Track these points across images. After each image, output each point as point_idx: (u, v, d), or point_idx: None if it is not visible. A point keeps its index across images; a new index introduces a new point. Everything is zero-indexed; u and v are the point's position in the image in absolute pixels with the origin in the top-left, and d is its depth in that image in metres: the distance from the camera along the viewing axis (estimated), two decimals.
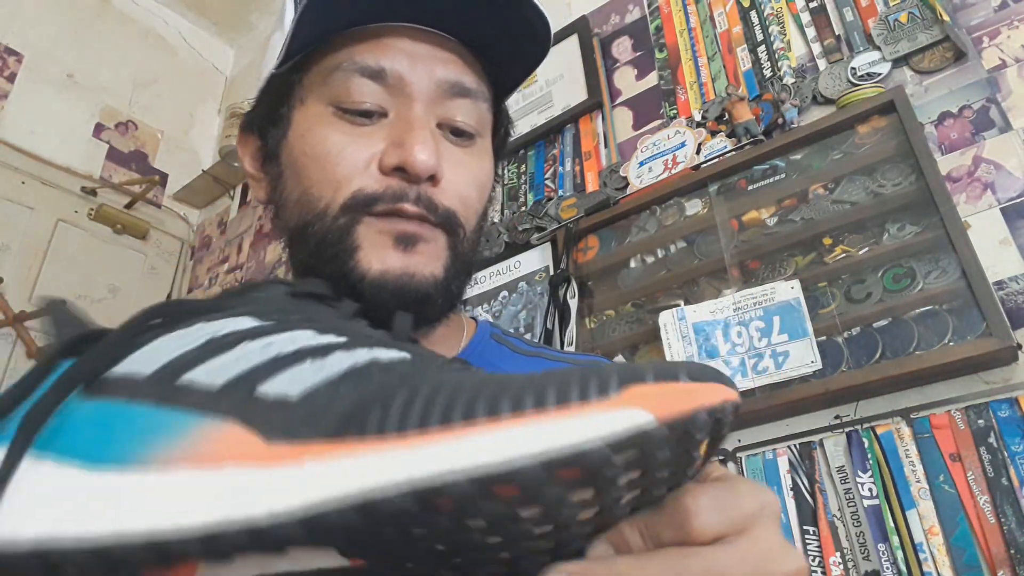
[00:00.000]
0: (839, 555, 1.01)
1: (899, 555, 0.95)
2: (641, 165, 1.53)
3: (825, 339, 1.13)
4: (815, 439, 1.10)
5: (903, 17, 1.29)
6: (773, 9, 1.50)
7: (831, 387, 1.08)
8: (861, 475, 1.03)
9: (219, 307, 0.28)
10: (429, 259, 0.45)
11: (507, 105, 0.56)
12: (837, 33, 1.40)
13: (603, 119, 1.69)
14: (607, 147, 1.65)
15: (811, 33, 1.43)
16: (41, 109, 2.26)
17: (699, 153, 1.45)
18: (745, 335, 1.20)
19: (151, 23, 2.67)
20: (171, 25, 2.72)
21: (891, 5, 1.33)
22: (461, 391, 0.22)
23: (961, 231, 1.07)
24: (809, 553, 1.03)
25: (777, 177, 1.32)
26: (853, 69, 1.32)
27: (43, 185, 2.20)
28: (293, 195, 0.47)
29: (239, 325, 0.26)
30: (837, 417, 1.10)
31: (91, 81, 2.41)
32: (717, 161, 1.41)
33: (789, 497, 1.08)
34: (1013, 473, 0.92)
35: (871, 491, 1.01)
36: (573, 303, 1.44)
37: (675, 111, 1.57)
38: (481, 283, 1.64)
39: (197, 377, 0.24)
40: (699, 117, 1.51)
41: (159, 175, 2.50)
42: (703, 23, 1.62)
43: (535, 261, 1.60)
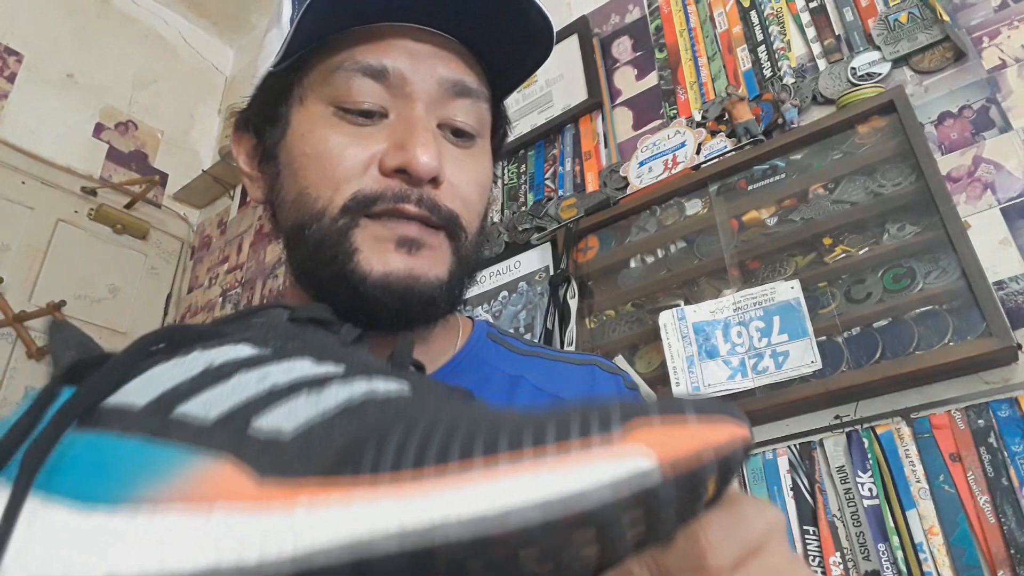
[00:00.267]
0: (839, 555, 1.01)
1: (899, 555, 0.95)
2: (641, 165, 1.53)
3: (825, 339, 1.13)
4: (815, 439, 1.10)
5: (903, 17, 1.29)
6: (773, 9, 1.50)
7: (831, 387, 1.08)
8: (861, 475, 1.03)
9: (219, 333, 0.28)
10: (433, 262, 0.45)
11: (506, 105, 0.56)
12: (837, 33, 1.40)
13: (603, 119, 1.69)
14: (607, 147, 1.65)
15: (811, 33, 1.44)
16: (41, 109, 2.26)
17: (699, 153, 1.45)
18: (745, 335, 1.20)
19: (151, 23, 2.67)
20: (171, 25, 2.73)
21: (891, 5, 1.33)
22: (458, 428, 0.21)
23: (961, 231, 1.07)
24: (809, 553, 1.03)
25: (777, 177, 1.32)
26: (853, 69, 1.32)
27: (43, 185, 2.20)
28: (290, 195, 0.46)
29: (237, 354, 0.26)
30: (837, 417, 1.10)
31: (91, 81, 2.41)
32: (717, 161, 1.41)
33: (789, 497, 1.08)
34: (1013, 473, 0.92)
35: (871, 491, 1.01)
36: (573, 303, 1.44)
37: (675, 111, 1.57)
38: (481, 283, 1.64)
39: (191, 410, 0.24)
40: (699, 117, 1.51)
41: (159, 175, 2.50)
42: (703, 23, 1.62)
43: (535, 261, 1.60)
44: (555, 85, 1.79)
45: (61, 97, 2.32)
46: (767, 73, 1.45)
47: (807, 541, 1.04)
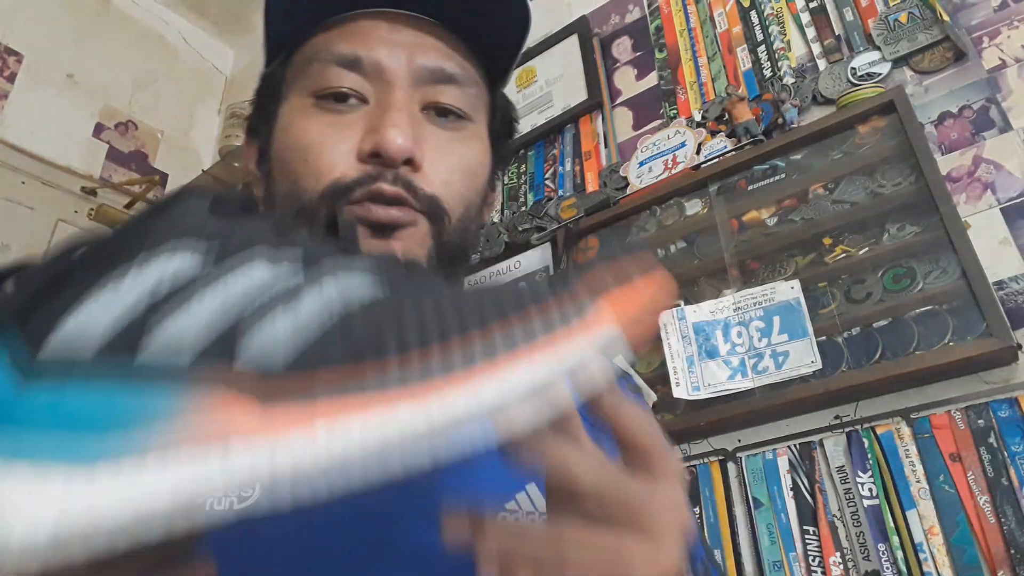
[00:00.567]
0: (839, 555, 1.01)
1: (899, 555, 0.95)
2: (641, 165, 1.53)
3: (825, 339, 1.13)
4: (815, 439, 1.10)
5: (903, 17, 1.29)
6: (773, 9, 1.50)
7: (831, 387, 1.08)
8: (861, 475, 1.03)
9: (142, 241, 0.24)
10: (408, 246, 0.44)
11: (505, 93, 0.54)
12: (837, 33, 1.40)
13: (603, 119, 1.69)
14: (607, 147, 1.65)
15: (811, 33, 1.43)
16: (41, 109, 2.26)
17: (699, 153, 1.45)
18: (745, 335, 1.20)
19: (151, 23, 2.67)
20: (171, 25, 2.72)
21: (891, 5, 1.33)
22: (450, 329, 0.23)
23: (961, 231, 1.07)
24: (809, 553, 1.03)
25: (777, 177, 1.32)
26: (853, 69, 1.32)
27: (43, 185, 2.20)
28: (281, 190, 0.46)
29: (177, 271, 0.23)
30: (837, 417, 1.10)
31: (91, 81, 2.41)
32: (717, 161, 1.41)
33: (789, 497, 1.08)
34: (1013, 473, 0.92)
35: (871, 491, 1.01)
36: None
37: (675, 111, 1.57)
38: (481, 283, 1.64)
39: (158, 347, 0.22)
40: (699, 117, 1.51)
41: (159, 175, 2.50)
42: (703, 23, 1.62)
43: (535, 261, 1.60)
44: (555, 85, 1.79)
45: (61, 97, 2.32)
46: (767, 73, 1.45)
47: (807, 541, 1.04)
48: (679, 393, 1.20)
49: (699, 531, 0.61)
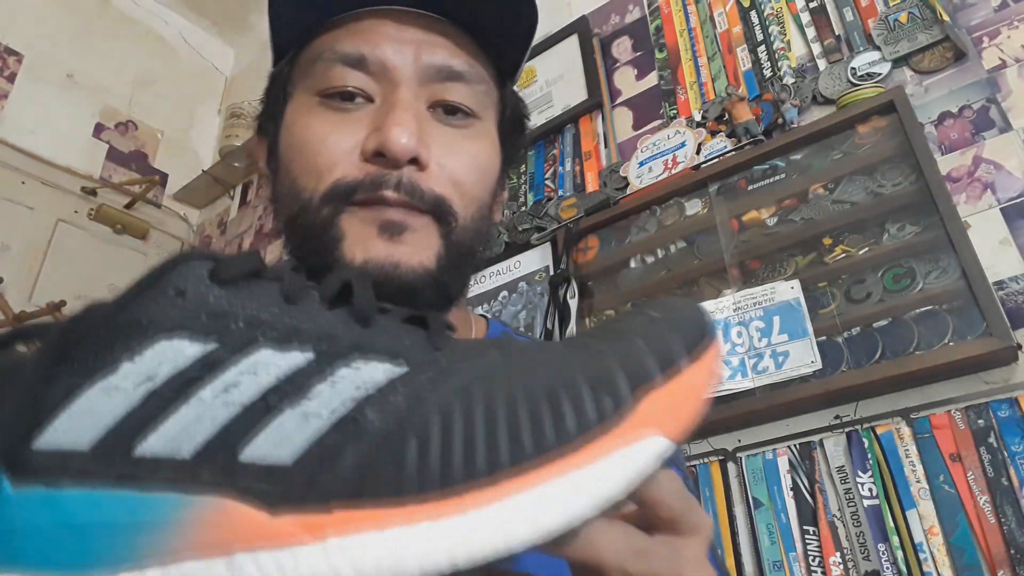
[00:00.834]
0: (839, 555, 1.01)
1: (899, 555, 0.95)
2: (641, 165, 1.53)
3: (825, 339, 1.13)
4: (815, 439, 1.10)
5: (903, 17, 1.29)
6: (773, 9, 1.50)
7: (831, 387, 1.08)
8: (861, 475, 1.03)
9: (136, 324, 0.21)
10: (417, 248, 0.43)
11: (516, 89, 0.54)
12: (837, 33, 1.40)
13: (603, 119, 1.69)
14: (607, 147, 1.65)
15: (811, 33, 1.43)
16: (41, 109, 2.26)
17: (699, 153, 1.45)
18: (745, 335, 1.20)
19: (151, 23, 2.67)
20: (171, 25, 2.72)
21: (891, 5, 1.33)
22: (474, 428, 0.21)
23: (961, 231, 1.07)
24: (809, 553, 1.03)
25: (777, 177, 1.32)
26: (853, 69, 1.32)
27: (43, 185, 2.20)
28: (284, 188, 0.46)
29: (176, 360, 0.21)
30: (837, 417, 1.10)
31: (91, 81, 2.41)
32: (717, 161, 1.41)
33: (789, 497, 1.08)
34: (1013, 473, 0.92)
35: (871, 491, 1.01)
36: (573, 303, 1.44)
37: (675, 111, 1.57)
38: (481, 283, 1.64)
39: (157, 448, 0.20)
40: (699, 117, 1.51)
41: (159, 175, 2.50)
42: (703, 23, 1.62)
43: (535, 261, 1.60)
44: (555, 85, 1.79)
45: (61, 97, 2.32)
46: (767, 73, 1.45)
47: (807, 541, 1.04)
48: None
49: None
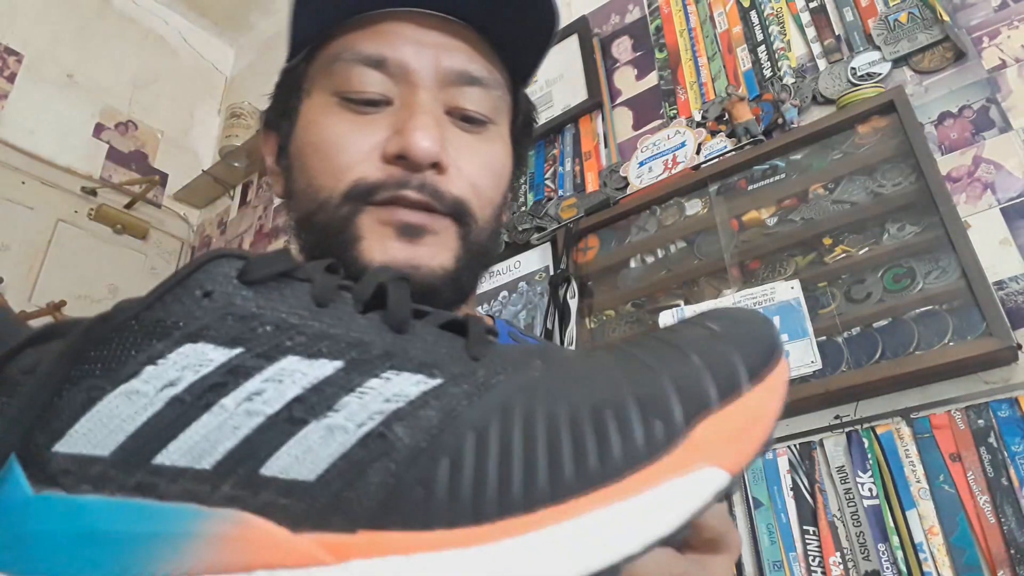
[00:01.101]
0: (839, 555, 1.01)
1: (899, 555, 0.95)
2: (641, 165, 1.53)
3: (825, 339, 1.13)
4: (815, 439, 1.10)
5: (903, 17, 1.29)
6: (773, 9, 1.50)
7: (831, 387, 1.08)
8: (861, 475, 1.03)
9: (160, 326, 0.21)
10: (437, 250, 0.44)
11: (527, 93, 0.54)
12: (837, 33, 1.40)
13: (603, 119, 1.69)
14: (607, 147, 1.65)
15: (811, 33, 1.43)
16: (41, 109, 2.26)
17: (699, 153, 1.45)
18: None
19: (151, 23, 2.67)
20: (171, 25, 2.72)
21: (891, 5, 1.33)
22: (512, 454, 0.19)
23: (961, 231, 1.07)
24: (809, 553, 1.03)
25: (777, 177, 1.32)
26: (853, 69, 1.32)
27: (43, 185, 2.20)
28: (299, 186, 0.46)
29: (200, 365, 0.20)
30: (837, 417, 1.10)
31: (91, 81, 2.41)
32: (717, 161, 1.41)
33: (789, 497, 1.08)
34: (1013, 473, 0.92)
35: (871, 491, 1.01)
36: (573, 303, 1.44)
37: (675, 111, 1.57)
38: (481, 283, 1.64)
39: (176, 458, 0.19)
40: (699, 117, 1.51)
41: (159, 175, 2.50)
42: (703, 23, 1.62)
43: (535, 261, 1.60)
44: (555, 85, 1.79)
45: (61, 97, 2.32)
46: (767, 73, 1.45)
47: (807, 541, 1.04)
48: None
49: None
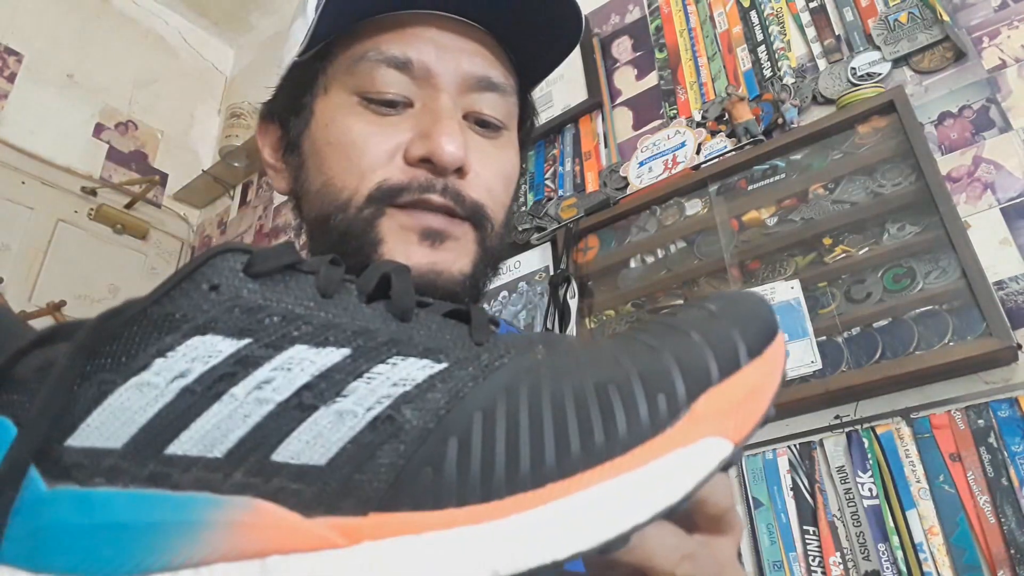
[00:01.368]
0: (839, 555, 1.01)
1: (899, 555, 0.95)
2: (641, 165, 1.53)
3: (825, 339, 1.13)
4: (815, 439, 1.10)
5: (903, 17, 1.29)
6: (773, 9, 1.50)
7: (831, 387, 1.07)
8: (861, 475, 1.03)
9: (169, 320, 0.21)
10: (457, 255, 0.44)
11: (532, 96, 0.55)
12: (837, 33, 1.40)
13: (603, 119, 1.69)
14: (607, 147, 1.65)
15: (811, 33, 1.43)
16: (41, 109, 2.26)
17: (699, 153, 1.45)
18: None
19: (151, 23, 2.67)
20: (171, 25, 2.72)
21: (891, 5, 1.33)
22: (519, 431, 0.19)
23: (961, 231, 1.07)
24: (809, 553, 1.03)
25: (777, 177, 1.32)
26: (853, 69, 1.32)
27: (43, 185, 2.20)
28: (315, 185, 0.46)
29: (209, 356, 0.21)
30: (837, 417, 1.10)
31: (91, 81, 2.41)
32: (717, 161, 1.41)
33: (789, 497, 1.08)
34: (1013, 473, 0.92)
35: (871, 491, 1.01)
36: (573, 303, 1.44)
37: (675, 111, 1.57)
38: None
39: (188, 448, 0.20)
40: (699, 117, 1.51)
41: (159, 175, 2.50)
42: (703, 23, 1.62)
43: (535, 261, 1.60)
44: (555, 85, 1.79)
45: (61, 97, 2.32)
46: (767, 73, 1.45)
47: (807, 541, 1.04)
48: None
49: None
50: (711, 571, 0.26)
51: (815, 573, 1.02)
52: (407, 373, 0.21)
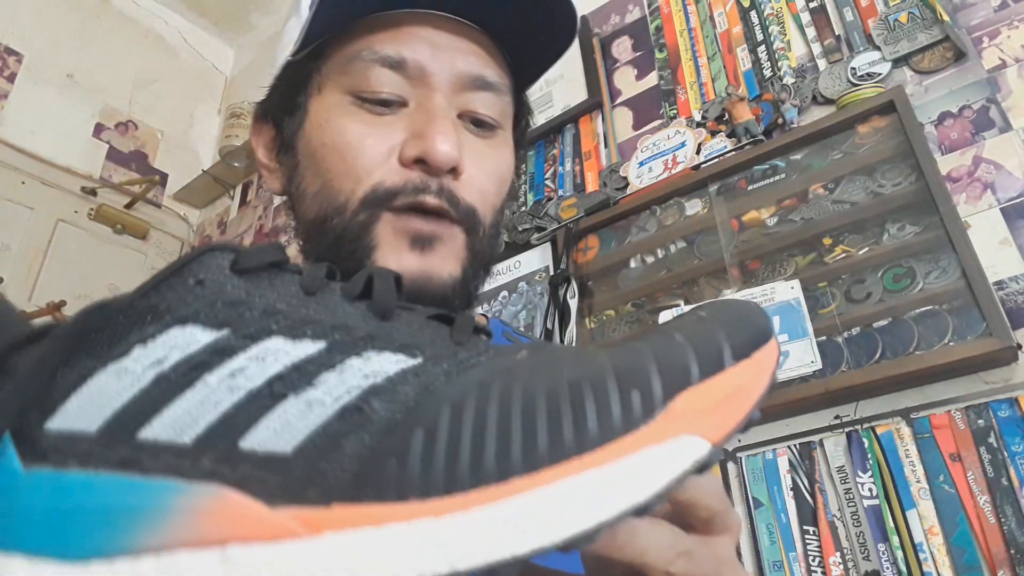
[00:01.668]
0: (839, 555, 1.01)
1: (899, 555, 0.95)
2: (641, 165, 1.53)
3: (825, 339, 1.13)
4: (815, 439, 1.10)
5: (903, 17, 1.29)
6: (773, 9, 1.50)
7: (831, 387, 1.08)
8: (861, 475, 1.03)
9: (153, 311, 0.22)
10: (446, 259, 0.44)
11: (527, 95, 0.54)
12: (837, 33, 1.40)
13: (603, 119, 1.69)
14: (607, 147, 1.65)
15: (811, 33, 1.43)
16: (41, 109, 2.26)
17: (699, 153, 1.45)
18: None
19: (151, 23, 2.67)
20: (171, 25, 2.72)
21: (891, 5, 1.33)
22: (486, 425, 0.19)
23: (961, 231, 1.07)
24: (809, 553, 1.03)
25: (777, 177, 1.32)
26: (853, 69, 1.32)
27: (43, 185, 2.20)
28: (312, 187, 0.46)
29: (187, 345, 0.21)
30: (837, 417, 1.10)
31: (91, 81, 2.41)
32: (717, 161, 1.41)
33: (789, 497, 1.08)
34: (1013, 473, 0.92)
35: (871, 491, 1.01)
36: (573, 303, 1.44)
37: (675, 111, 1.57)
38: (484, 285, 1.63)
39: (159, 433, 0.20)
40: (699, 117, 1.51)
41: (159, 175, 2.50)
42: (703, 23, 1.62)
43: (535, 261, 1.60)
44: (555, 85, 1.79)
45: (61, 97, 2.32)
46: (767, 73, 1.45)
47: (807, 541, 1.04)
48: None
49: None
50: (708, 568, 0.26)
51: (815, 573, 1.02)
52: (380, 366, 0.21)
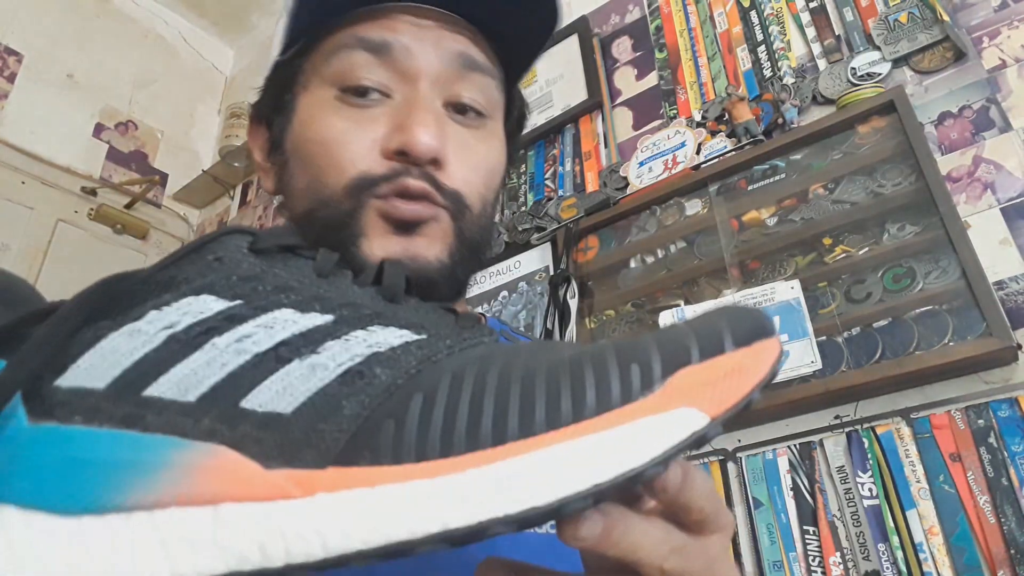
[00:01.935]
0: (839, 555, 1.01)
1: (899, 555, 0.95)
2: (641, 165, 1.53)
3: (825, 339, 1.13)
4: (815, 439, 1.10)
5: (903, 17, 1.29)
6: (773, 9, 1.50)
7: (831, 387, 1.08)
8: (861, 475, 1.03)
9: (171, 281, 0.23)
10: (432, 241, 0.44)
11: (520, 88, 0.54)
12: (837, 33, 1.40)
13: (603, 119, 1.69)
14: (607, 147, 1.65)
15: (811, 33, 1.43)
16: (41, 109, 2.26)
17: (699, 153, 1.45)
18: None
19: (151, 23, 2.67)
20: (171, 25, 2.72)
21: (891, 5, 1.33)
22: (485, 392, 0.20)
23: (961, 231, 1.07)
24: (809, 553, 1.03)
25: (777, 177, 1.32)
26: (853, 69, 1.32)
27: (43, 185, 2.20)
28: (301, 183, 0.46)
29: (201, 310, 0.22)
30: (837, 417, 1.10)
31: (91, 81, 2.41)
32: (717, 161, 1.41)
33: (789, 497, 1.08)
34: (1013, 473, 0.92)
35: (871, 491, 1.01)
36: (573, 303, 1.44)
37: (675, 111, 1.57)
38: (481, 283, 1.64)
39: (165, 391, 0.20)
40: (699, 117, 1.51)
41: (159, 175, 2.50)
42: (703, 23, 1.62)
43: (535, 261, 1.60)
44: (555, 85, 1.79)
45: (61, 97, 2.32)
46: (767, 73, 1.45)
47: (807, 541, 1.04)
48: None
49: None
50: (701, 565, 0.26)
51: (815, 573, 1.02)
52: (384, 338, 0.22)
